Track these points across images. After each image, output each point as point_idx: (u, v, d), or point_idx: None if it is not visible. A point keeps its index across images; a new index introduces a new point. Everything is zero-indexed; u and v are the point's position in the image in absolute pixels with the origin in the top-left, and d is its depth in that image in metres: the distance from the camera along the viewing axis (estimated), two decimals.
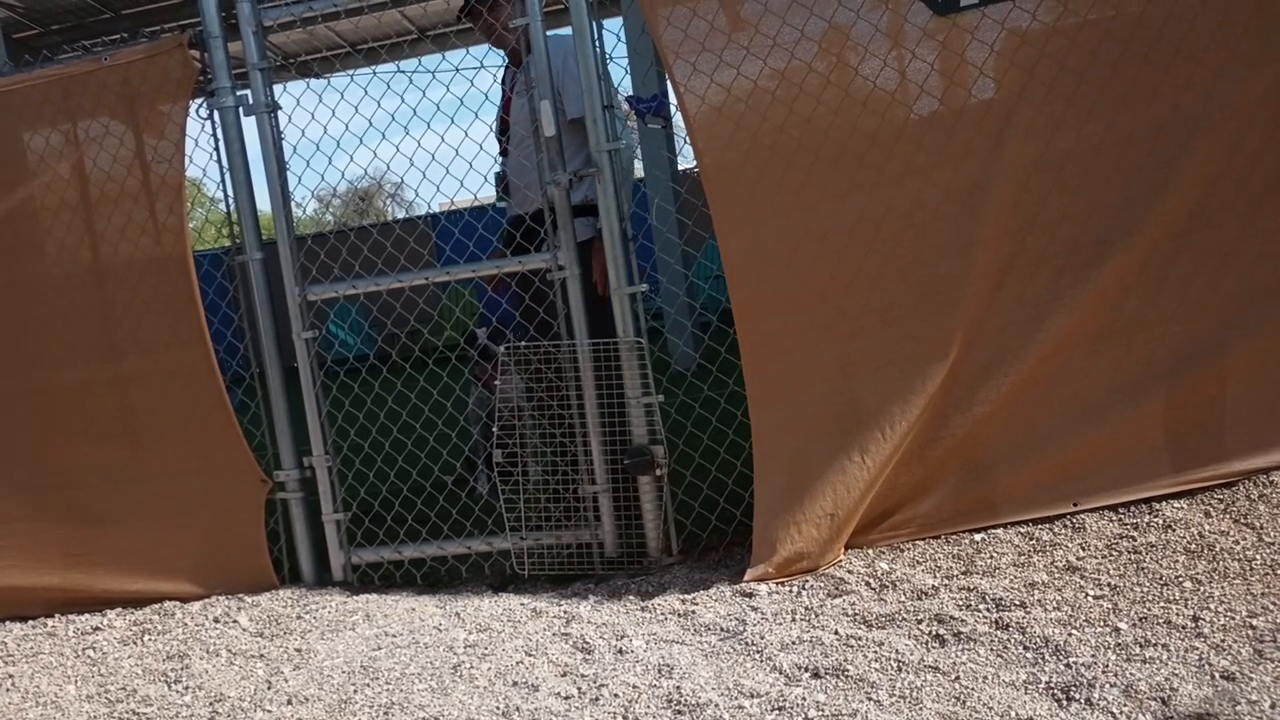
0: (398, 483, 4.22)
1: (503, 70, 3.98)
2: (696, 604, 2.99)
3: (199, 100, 3.62)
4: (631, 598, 3.15)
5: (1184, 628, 2.43)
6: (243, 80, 3.60)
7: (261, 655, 3.06)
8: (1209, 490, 3.04)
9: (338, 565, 3.66)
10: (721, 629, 2.81)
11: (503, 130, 3.92)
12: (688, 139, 3.23)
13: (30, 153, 3.65)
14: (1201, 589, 2.61)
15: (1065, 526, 3.05)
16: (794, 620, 2.80)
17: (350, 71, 3.89)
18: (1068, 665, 2.33)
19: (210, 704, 2.76)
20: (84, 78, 3.60)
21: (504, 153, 3.93)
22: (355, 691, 2.70)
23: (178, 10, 11.31)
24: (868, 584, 2.94)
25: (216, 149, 3.63)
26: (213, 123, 3.62)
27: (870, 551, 3.15)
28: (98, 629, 3.47)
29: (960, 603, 2.73)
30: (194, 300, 3.57)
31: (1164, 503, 3.03)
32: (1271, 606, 2.47)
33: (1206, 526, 2.90)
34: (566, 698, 2.52)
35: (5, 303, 3.67)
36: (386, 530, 3.76)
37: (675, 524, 3.45)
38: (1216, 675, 2.20)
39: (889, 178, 3.12)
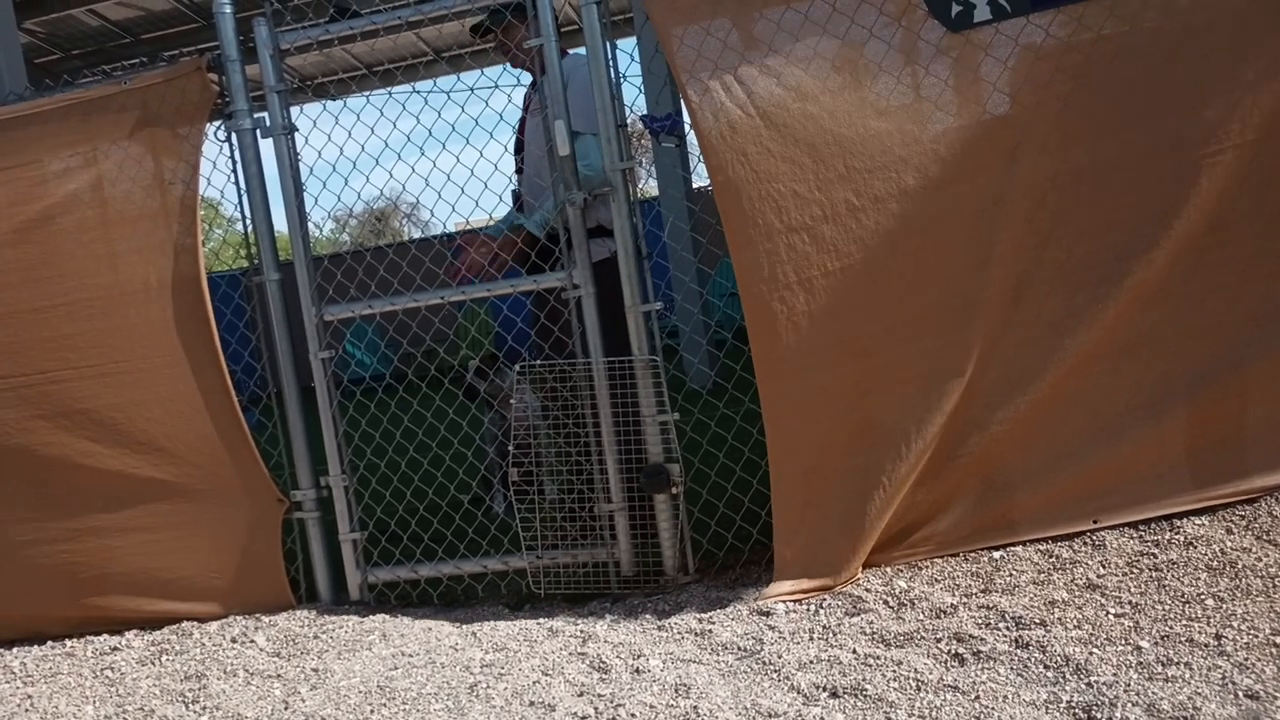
0: (414, 502, 4.22)
1: (526, 90, 4.00)
2: (713, 623, 2.98)
3: (217, 123, 3.65)
4: (648, 617, 3.14)
5: (1207, 646, 2.40)
6: (260, 103, 3.63)
7: (278, 675, 3.06)
8: (1230, 507, 3.01)
9: (354, 585, 3.66)
10: (739, 648, 2.79)
11: (519, 149, 3.94)
12: (702, 157, 3.24)
13: (50, 174, 3.69)
14: (1224, 607, 2.58)
15: (1085, 544, 3.03)
16: (812, 639, 2.78)
17: (366, 93, 3.92)
18: (1089, 684, 2.30)
19: None
20: (103, 101, 3.64)
21: (519, 171, 3.95)
22: (372, 711, 2.70)
23: (196, 35, 11.45)
24: (886, 602, 2.92)
25: (234, 171, 3.67)
26: (230, 145, 3.65)
27: (888, 570, 3.13)
28: (116, 649, 3.48)
29: (979, 621, 2.71)
30: (208, 321, 3.59)
31: (1185, 520, 3.01)
32: None
33: (1228, 543, 2.87)
34: (583, 718, 2.51)
35: (19, 324, 3.69)
36: (403, 549, 3.76)
37: (692, 542, 3.44)
38: (1240, 694, 2.18)
39: (904, 194, 3.12)
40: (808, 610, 2.96)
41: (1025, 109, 3.08)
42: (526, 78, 3.98)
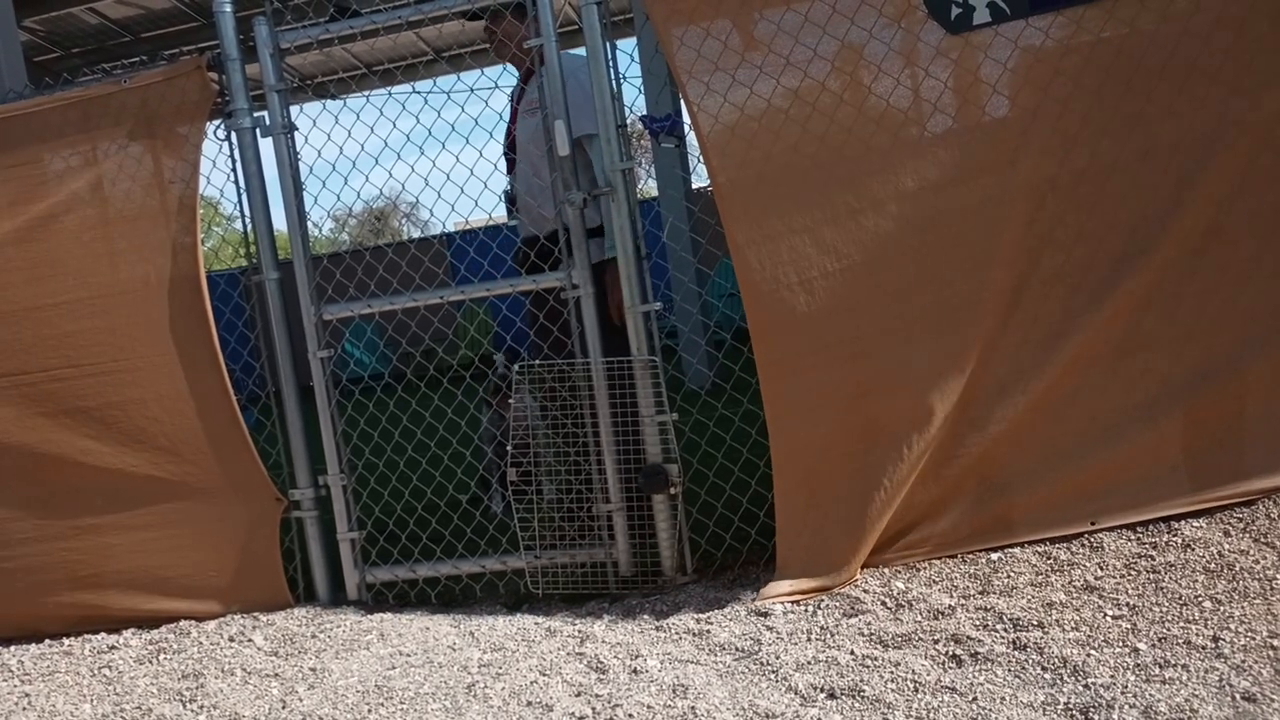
0: (412, 501, 4.22)
1: (517, 85, 4.00)
2: (711, 623, 2.98)
3: (217, 121, 3.65)
4: (646, 617, 3.14)
5: (1204, 648, 2.40)
6: (260, 102, 3.63)
7: (276, 674, 3.06)
8: (1228, 509, 3.02)
9: (352, 584, 3.66)
10: (736, 649, 2.79)
11: (511, 146, 3.94)
12: (701, 158, 3.24)
13: (50, 173, 3.69)
14: (1221, 609, 2.58)
15: (1083, 545, 3.03)
16: (809, 640, 2.79)
17: (366, 93, 3.92)
18: (1086, 686, 2.30)
19: None
20: (103, 100, 3.64)
21: (511, 167, 3.95)
22: (369, 711, 2.70)
23: (196, 33, 11.45)
24: (884, 603, 2.93)
25: (234, 170, 3.67)
26: (230, 144, 3.65)
27: (886, 570, 3.13)
28: (114, 648, 3.48)
29: (977, 623, 2.72)
30: (207, 321, 3.59)
31: (1183, 521, 3.01)
32: None
33: (1226, 545, 2.87)
34: (581, 718, 2.51)
35: (20, 322, 3.69)
36: (401, 549, 3.76)
37: (690, 543, 3.44)
38: (1237, 696, 2.18)
39: (903, 195, 3.12)
40: (806, 611, 2.97)
41: (1024, 111, 3.08)
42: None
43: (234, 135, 3.64)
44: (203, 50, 3.73)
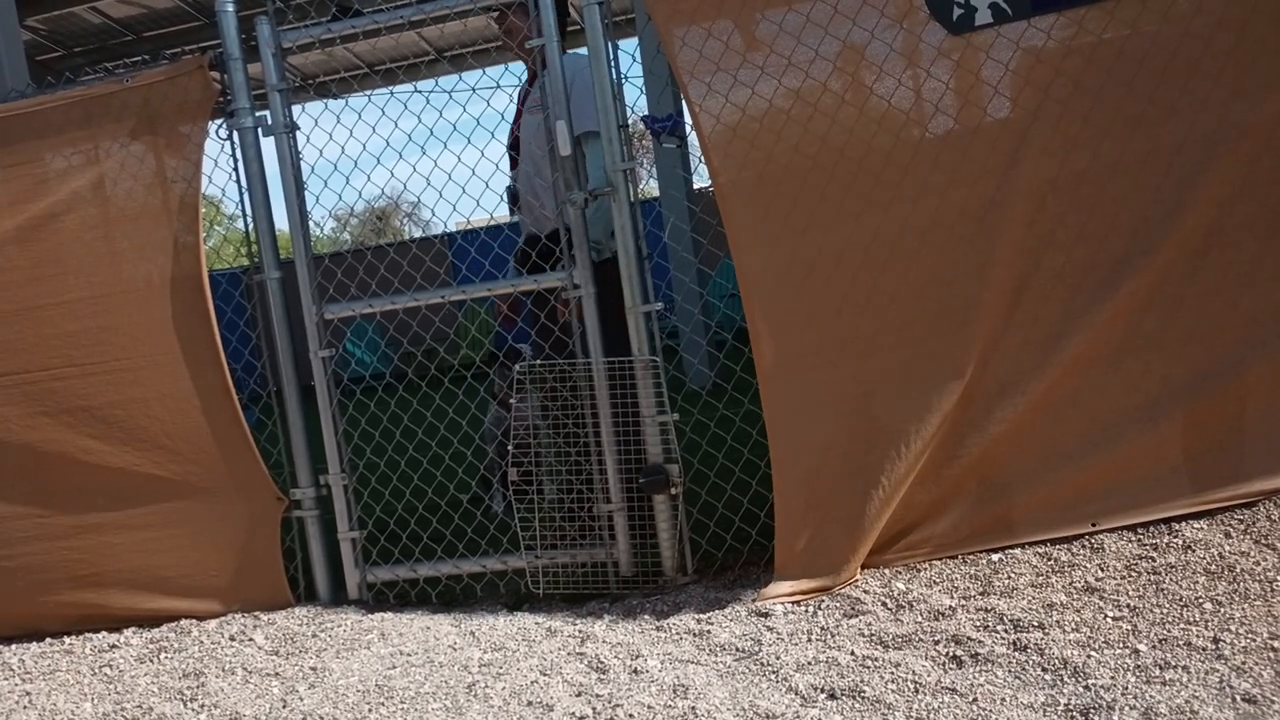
0: (414, 501, 4.23)
1: (521, 85, 4.01)
2: (712, 624, 2.98)
3: (219, 121, 3.65)
4: (646, 617, 3.14)
5: (1204, 650, 2.41)
6: (262, 101, 3.63)
7: (277, 674, 3.07)
8: (1229, 510, 3.02)
9: (353, 584, 3.66)
10: (737, 649, 2.80)
11: (513, 145, 3.94)
12: (703, 158, 3.24)
13: (52, 172, 3.69)
14: (1222, 610, 2.58)
15: (1084, 547, 3.03)
16: (810, 640, 2.79)
17: (368, 92, 3.93)
18: (1086, 687, 2.30)
19: None
20: (105, 99, 3.64)
21: (514, 165, 3.95)
22: (370, 710, 2.70)
23: (199, 33, 11.46)
24: (884, 604, 2.93)
25: (235, 169, 3.67)
26: (232, 143, 3.65)
27: (887, 571, 3.14)
28: (114, 647, 3.48)
29: (978, 624, 2.72)
30: (209, 319, 3.60)
31: (1183, 523, 3.01)
32: None
33: (1227, 547, 2.87)
34: (581, 718, 2.51)
35: (22, 321, 3.69)
36: (402, 549, 3.76)
37: (690, 543, 3.44)
38: (1238, 698, 2.18)
39: (904, 196, 3.12)
40: (806, 611, 2.97)
41: (1026, 112, 3.09)
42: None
43: (236, 134, 3.65)
44: (205, 49, 3.74)
